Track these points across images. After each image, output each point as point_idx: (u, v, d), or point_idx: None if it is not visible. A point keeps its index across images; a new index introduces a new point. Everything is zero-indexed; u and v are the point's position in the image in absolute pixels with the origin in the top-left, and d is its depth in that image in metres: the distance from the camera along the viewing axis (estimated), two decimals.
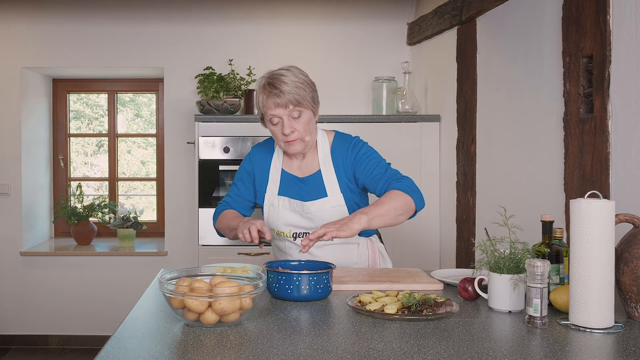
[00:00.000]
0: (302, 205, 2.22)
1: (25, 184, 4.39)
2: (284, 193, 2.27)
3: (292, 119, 2.14)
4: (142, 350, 1.35)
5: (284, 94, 2.10)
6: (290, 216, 2.24)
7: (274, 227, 2.28)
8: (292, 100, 2.11)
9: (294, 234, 2.25)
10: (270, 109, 2.13)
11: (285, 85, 2.10)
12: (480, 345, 1.38)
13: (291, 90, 2.10)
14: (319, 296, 1.78)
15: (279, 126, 2.15)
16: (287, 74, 2.13)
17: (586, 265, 1.51)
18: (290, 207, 2.24)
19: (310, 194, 2.24)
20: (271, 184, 2.29)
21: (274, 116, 2.14)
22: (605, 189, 2.20)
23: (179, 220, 4.39)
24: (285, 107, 2.12)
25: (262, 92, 2.14)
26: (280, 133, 2.16)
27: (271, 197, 2.28)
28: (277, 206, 2.26)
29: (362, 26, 4.37)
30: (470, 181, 3.34)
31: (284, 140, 2.17)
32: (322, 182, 2.23)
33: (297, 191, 2.26)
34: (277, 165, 2.30)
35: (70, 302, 4.42)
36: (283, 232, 2.27)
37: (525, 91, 2.79)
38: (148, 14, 4.36)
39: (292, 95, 2.11)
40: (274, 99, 2.11)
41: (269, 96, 2.12)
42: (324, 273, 1.78)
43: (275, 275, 1.79)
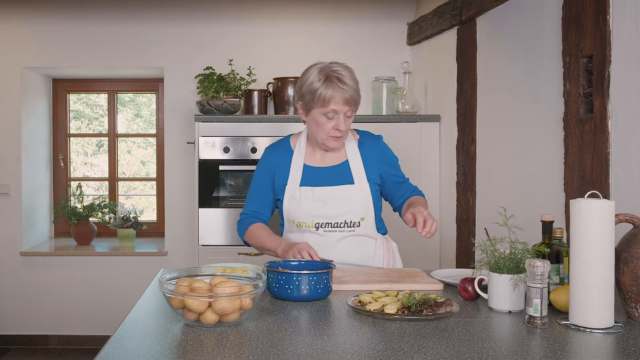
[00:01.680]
0: (328, 191, 2.25)
1: (25, 184, 4.39)
2: (307, 183, 2.29)
3: (346, 117, 2.20)
4: (142, 350, 1.35)
5: (350, 90, 2.17)
6: (313, 206, 2.26)
7: (294, 218, 2.29)
8: (355, 99, 2.19)
9: (316, 224, 2.26)
10: (335, 103, 2.16)
11: (351, 82, 2.18)
12: (480, 345, 1.38)
13: (355, 89, 2.19)
14: (319, 296, 1.78)
15: (334, 121, 2.19)
16: (346, 73, 2.19)
17: (586, 265, 1.51)
18: (313, 197, 2.26)
19: (335, 180, 2.28)
20: (292, 177, 2.30)
21: (335, 111, 2.17)
22: (605, 189, 2.20)
23: (179, 220, 4.39)
24: (348, 104, 2.17)
25: (327, 84, 2.16)
26: (330, 127, 2.20)
27: (292, 189, 2.29)
28: (298, 197, 2.27)
29: (362, 26, 4.37)
30: (470, 181, 3.34)
31: (331, 135, 2.21)
32: (349, 171, 2.29)
33: (321, 179, 2.28)
34: (299, 161, 2.32)
35: (70, 302, 4.42)
36: (305, 222, 2.27)
37: (525, 91, 2.79)
38: (148, 14, 4.36)
39: (355, 94, 2.19)
40: (343, 94, 2.16)
41: (337, 90, 2.15)
42: (324, 273, 1.78)
43: (275, 275, 1.79)
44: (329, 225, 2.26)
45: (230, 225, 3.84)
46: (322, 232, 2.26)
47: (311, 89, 2.18)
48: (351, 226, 2.26)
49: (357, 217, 2.26)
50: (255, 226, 2.33)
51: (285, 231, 2.38)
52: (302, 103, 2.24)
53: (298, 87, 2.26)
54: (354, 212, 2.26)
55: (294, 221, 2.30)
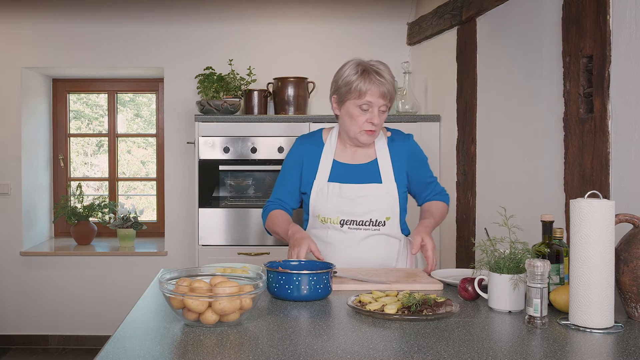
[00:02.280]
0: (356, 189, 2.25)
1: (25, 184, 4.39)
2: (335, 179, 2.29)
3: (380, 111, 2.21)
4: (142, 350, 1.35)
5: (387, 84, 2.18)
6: (339, 202, 2.26)
7: (320, 213, 2.28)
8: (391, 93, 2.20)
9: (341, 221, 2.26)
10: (371, 95, 2.17)
11: (388, 76, 2.20)
12: (480, 345, 1.38)
13: (392, 83, 2.21)
14: (319, 296, 1.78)
15: (368, 114, 2.20)
16: (384, 69, 2.21)
17: (586, 265, 1.51)
18: (340, 193, 2.26)
19: (363, 178, 2.28)
20: (321, 172, 2.31)
21: (370, 104, 2.18)
22: (605, 189, 2.20)
23: (179, 220, 4.39)
24: (384, 98, 2.19)
25: (364, 77, 2.17)
26: (364, 120, 2.20)
27: (320, 183, 2.29)
28: (326, 193, 2.27)
29: (362, 26, 4.37)
30: (470, 181, 3.34)
31: (365, 128, 2.21)
32: (378, 170, 2.30)
33: (349, 177, 2.29)
34: (329, 156, 2.32)
35: (70, 302, 4.42)
36: (330, 218, 2.27)
37: (525, 91, 2.79)
38: (148, 14, 4.36)
39: (391, 89, 2.20)
40: (380, 87, 2.17)
41: (374, 83, 2.17)
42: (324, 273, 1.78)
43: (275, 275, 1.79)
44: (354, 222, 2.25)
45: (230, 225, 3.84)
46: (347, 229, 2.26)
47: (347, 81, 2.20)
48: (376, 225, 2.26)
49: (382, 216, 2.26)
50: (275, 212, 2.33)
51: (309, 227, 2.36)
52: (337, 96, 2.25)
53: (334, 81, 2.28)
54: (380, 211, 2.26)
55: (319, 216, 2.29)
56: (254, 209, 3.86)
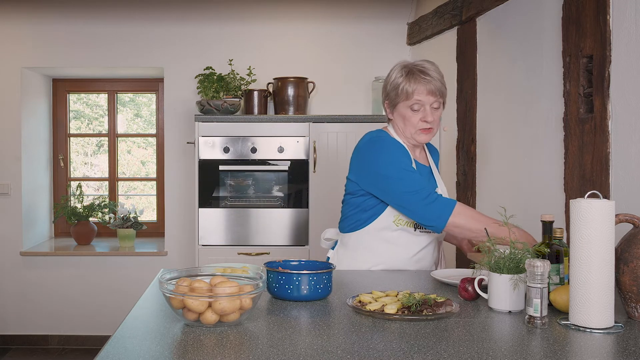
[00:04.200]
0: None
1: (25, 184, 4.39)
2: None
3: (432, 108, 2.20)
4: (142, 350, 1.35)
5: (435, 81, 2.17)
6: None
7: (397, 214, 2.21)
8: (441, 90, 2.19)
9: (415, 224, 2.23)
10: (419, 94, 2.17)
11: (436, 74, 2.19)
12: (480, 345, 1.38)
13: (440, 80, 2.20)
14: (319, 296, 1.78)
15: (420, 113, 2.19)
16: (431, 67, 2.21)
17: (586, 265, 1.50)
18: None
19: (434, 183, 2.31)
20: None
21: (420, 102, 2.18)
22: (605, 189, 2.20)
23: (179, 220, 4.39)
24: (434, 95, 2.18)
25: (410, 78, 2.17)
26: (418, 120, 2.19)
27: None
28: None
29: (362, 26, 4.37)
30: (470, 181, 3.34)
31: (420, 127, 2.20)
32: (433, 175, 2.35)
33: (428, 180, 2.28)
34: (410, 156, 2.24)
35: (70, 302, 4.42)
36: (408, 221, 2.22)
37: (525, 91, 2.79)
38: (148, 14, 4.36)
39: (440, 86, 2.19)
40: (427, 85, 2.17)
41: (420, 82, 2.16)
42: (324, 273, 1.78)
43: (275, 275, 1.79)
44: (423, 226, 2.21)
45: (230, 225, 3.84)
46: (419, 232, 2.25)
47: (395, 85, 2.20)
48: None
49: None
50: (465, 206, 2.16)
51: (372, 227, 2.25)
52: (388, 101, 2.26)
53: (383, 88, 2.29)
54: None
55: (396, 217, 2.21)
56: (254, 209, 3.86)
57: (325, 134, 3.85)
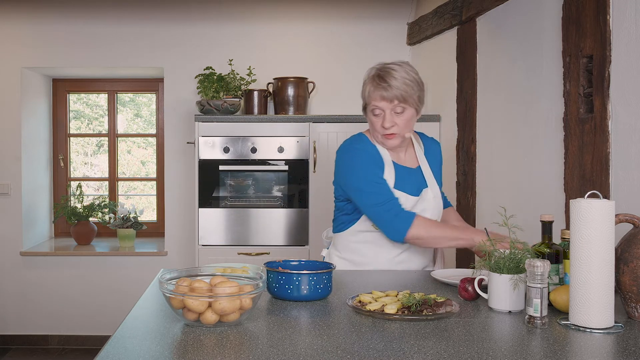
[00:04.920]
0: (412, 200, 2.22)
1: (25, 184, 4.39)
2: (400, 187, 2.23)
3: (394, 113, 2.18)
4: (142, 350, 1.35)
5: (391, 88, 2.14)
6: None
7: None
8: (398, 96, 2.15)
9: None
10: (374, 100, 2.17)
11: (394, 80, 2.15)
12: (480, 345, 1.38)
13: (399, 86, 2.15)
14: (319, 296, 1.78)
15: (380, 118, 2.19)
16: (399, 70, 2.17)
17: (586, 265, 1.50)
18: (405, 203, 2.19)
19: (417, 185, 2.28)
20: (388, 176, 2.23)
21: (377, 108, 2.18)
22: (605, 189, 2.20)
23: (179, 220, 4.39)
24: (390, 102, 2.16)
25: (370, 83, 2.18)
26: (379, 125, 2.19)
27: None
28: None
29: (362, 26, 4.37)
30: (470, 181, 3.34)
31: (382, 133, 2.20)
32: (422, 174, 2.32)
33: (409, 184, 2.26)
34: (387, 157, 2.26)
35: (70, 302, 4.41)
36: None
37: (525, 91, 2.79)
38: (148, 14, 4.36)
39: (399, 91, 2.15)
40: (381, 92, 2.15)
41: (376, 88, 2.16)
42: (324, 273, 1.78)
43: (275, 275, 1.79)
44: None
45: (230, 225, 3.84)
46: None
47: (363, 88, 2.22)
48: None
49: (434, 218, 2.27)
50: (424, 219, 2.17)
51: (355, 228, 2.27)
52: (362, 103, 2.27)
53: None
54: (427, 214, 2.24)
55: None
56: (254, 209, 3.86)
57: (325, 134, 3.85)
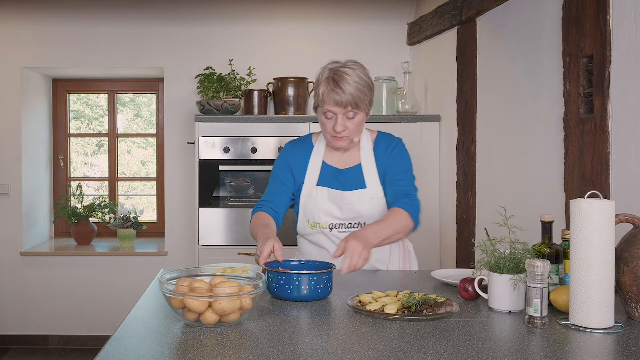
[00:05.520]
0: (342, 195, 2.24)
1: (25, 184, 4.39)
2: (323, 183, 2.27)
3: (346, 118, 2.17)
4: (142, 350, 1.35)
5: (345, 94, 2.13)
6: (328, 206, 2.25)
7: (310, 217, 2.27)
8: (351, 102, 2.14)
9: (330, 225, 2.25)
10: (328, 104, 2.16)
11: (348, 86, 2.13)
12: (480, 345, 1.38)
13: (352, 92, 2.13)
14: (319, 296, 1.78)
15: (332, 121, 2.18)
16: (352, 74, 2.15)
17: (586, 265, 1.51)
18: (329, 197, 2.25)
19: (349, 184, 2.26)
20: (310, 175, 2.29)
21: (330, 111, 2.17)
22: (605, 189, 2.20)
23: (179, 220, 4.39)
24: (344, 107, 2.15)
25: (325, 86, 2.16)
26: (331, 128, 2.19)
27: (309, 187, 2.28)
28: (314, 196, 2.26)
29: (362, 26, 4.37)
30: (470, 181, 3.34)
31: (332, 135, 2.20)
32: (362, 175, 2.27)
33: (336, 182, 2.27)
34: (318, 158, 2.31)
35: (70, 302, 4.41)
36: (319, 222, 2.26)
37: (525, 91, 2.79)
38: (148, 14, 4.36)
39: (352, 97, 2.14)
40: (335, 97, 2.14)
41: (330, 92, 2.14)
42: (324, 273, 1.78)
43: (275, 275, 1.79)
44: (343, 226, 2.25)
45: (230, 225, 3.84)
46: (337, 232, 2.25)
47: (316, 88, 2.21)
48: None
49: (370, 219, 2.23)
50: (257, 215, 2.28)
51: (300, 231, 2.35)
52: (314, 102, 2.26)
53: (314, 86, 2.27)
54: (366, 216, 2.24)
55: (309, 221, 2.28)
56: None
57: None
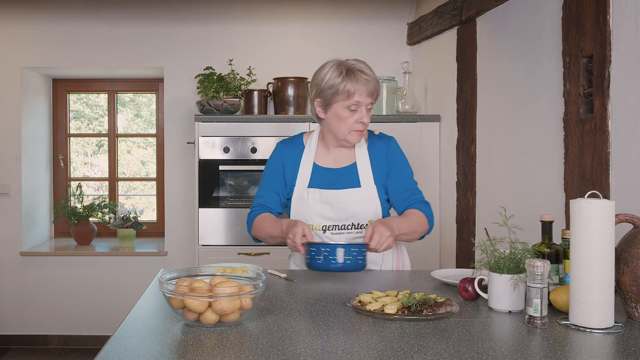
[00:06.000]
0: (335, 195, 2.22)
1: (25, 184, 4.39)
2: (315, 185, 2.25)
3: (367, 110, 2.18)
4: (142, 350, 1.35)
5: (370, 82, 2.14)
6: (320, 208, 2.22)
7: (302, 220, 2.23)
8: (377, 90, 2.17)
9: (323, 227, 2.23)
10: (359, 95, 2.13)
11: (370, 76, 2.15)
12: (480, 345, 1.38)
13: (375, 82, 2.16)
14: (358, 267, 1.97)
15: (357, 114, 2.16)
16: (368, 67, 2.17)
17: (586, 265, 1.51)
18: (320, 199, 2.23)
19: (343, 183, 2.25)
20: (301, 177, 2.27)
21: (359, 103, 2.14)
22: (605, 189, 2.20)
23: (179, 220, 4.39)
24: (372, 96, 2.15)
25: (352, 77, 2.13)
26: (353, 121, 2.16)
27: (301, 190, 2.26)
28: (306, 199, 2.24)
29: (362, 26, 4.37)
30: (470, 181, 3.34)
31: (354, 129, 2.17)
32: (357, 174, 2.26)
33: (329, 182, 2.25)
34: (309, 159, 2.28)
35: (70, 302, 4.41)
36: (312, 225, 2.23)
37: (525, 91, 2.79)
38: (148, 14, 4.36)
39: (374, 87, 2.16)
40: (367, 86, 2.13)
41: (360, 82, 2.12)
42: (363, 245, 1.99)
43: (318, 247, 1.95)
44: (336, 227, 2.23)
45: (230, 225, 3.84)
46: (330, 234, 2.23)
47: (333, 84, 2.14)
48: (359, 228, 2.23)
49: (364, 219, 2.22)
50: (260, 217, 2.28)
51: None
52: (321, 99, 2.19)
53: (314, 85, 2.21)
54: (360, 216, 2.22)
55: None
56: None
57: None
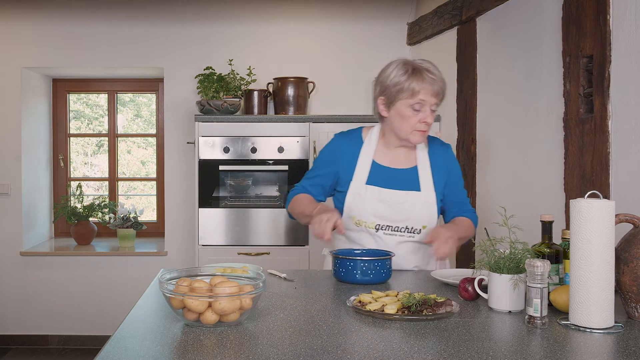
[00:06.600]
0: (395, 195, 2.19)
1: (25, 184, 4.39)
2: (373, 182, 2.22)
3: (431, 110, 2.16)
4: (142, 350, 1.35)
5: (437, 82, 2.12)
6: (377, 206, 2.20)
7: (355, 215, 2.22)
8: (443, 91, 2.16)
9: (377, 225, 2.21)
10: (425, 94, 2.11)
11: (438, 74, 2.14)
12: (480, 345, 1.38)
13: (442, 82, 2.15)
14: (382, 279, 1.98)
15: (421, 113, 2.14)
16: (435, 68, 2.16)
17: (586, 265, 1.50)
18: (379, 197, 2.20)
19: (402, 185, 2.22)
20: (359, 173, 2.23)
21: (423, 102, 2.13)
22: (605, 189, 2.20)
23: (179, 220, 4.39)
24: (437, 96, 2.14)
25: (417, 76, 2.12)
26: (417, 120, 2.14)
27: (358, 185, 2.22)
28: (364, 195, 2.21)
29: (362, 26, 4.37)
30: (470, 181, 3.34)
31: (417, 128, 2.16)
32: (417, 177, 2.24)
33: (388, 181, 2.22)
34: (368, 156, 2.25)
35: (70, 302, 4.41)
36: (365, 222, 2.21)
37: (525, 91, 2.79)
38: (148, 14, 4.36)
39: (443, 87, 2.15)
40: (433, 85, 2.12)
41: (427, 81, 2.11)
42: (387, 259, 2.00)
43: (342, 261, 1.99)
44: (390, 228, 2.21)
45: (230, 225, 3.84)
46: (382, 234, 2.21)
47: (398, 81, 2.13)
48: (412, 232, 2.22)
49: (419, 224, 2.21)
50: (300, 195, 2.27)
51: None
52: (385, 97, 2.18)
53: (378, 83, 2.20)
54: (416, 220, 2.21)
55: (354, 218, 2.23)
56: (254, 209, 3.86)
57: (326, 134, 3.85)
